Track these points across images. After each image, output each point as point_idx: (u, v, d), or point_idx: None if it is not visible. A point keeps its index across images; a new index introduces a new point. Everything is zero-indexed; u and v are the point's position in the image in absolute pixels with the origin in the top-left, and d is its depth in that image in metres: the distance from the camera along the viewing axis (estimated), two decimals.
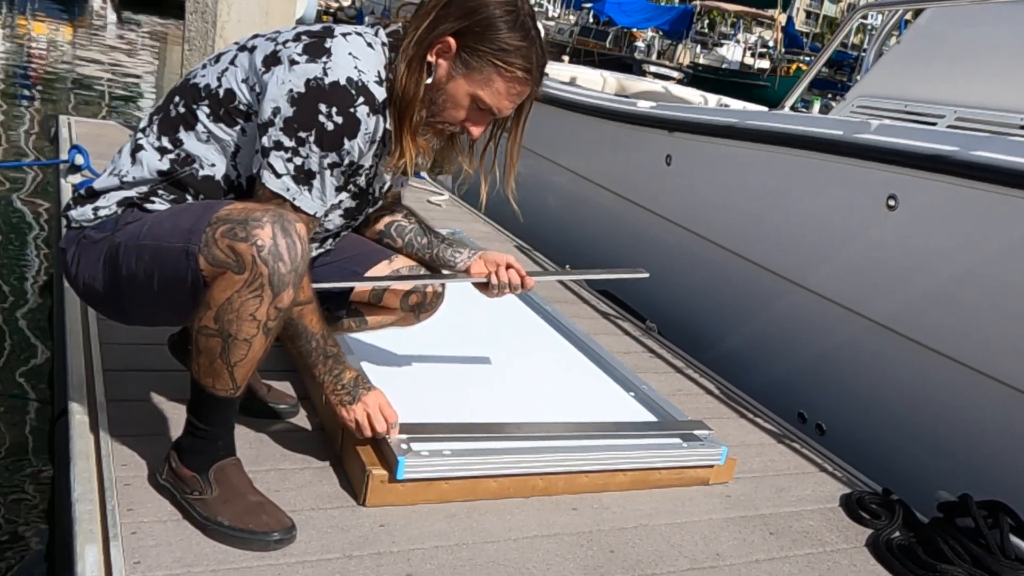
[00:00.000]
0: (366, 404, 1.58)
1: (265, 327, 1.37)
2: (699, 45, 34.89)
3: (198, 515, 1.45)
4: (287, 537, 1.44)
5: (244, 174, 1.50)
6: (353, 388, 1.58)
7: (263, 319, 1.36)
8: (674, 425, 2.00)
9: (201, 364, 1.41)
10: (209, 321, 1.36)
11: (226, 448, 1.51)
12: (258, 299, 1.34)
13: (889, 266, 2.48)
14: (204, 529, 1.43)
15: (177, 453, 1.50)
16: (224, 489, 1.46)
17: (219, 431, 1.49)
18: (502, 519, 1.64)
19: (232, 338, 1.37)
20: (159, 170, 1.49)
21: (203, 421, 1.47)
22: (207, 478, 1.47)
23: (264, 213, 1.34)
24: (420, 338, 2.25)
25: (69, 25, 15.32)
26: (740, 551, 1.71)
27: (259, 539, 1.42)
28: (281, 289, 1.35)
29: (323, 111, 1.41)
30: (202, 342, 1.39)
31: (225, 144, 1.48)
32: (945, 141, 2.35)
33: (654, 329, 3.06)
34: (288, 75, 1.41)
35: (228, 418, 1.50)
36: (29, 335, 3.16)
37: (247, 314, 1.35)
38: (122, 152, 1.54)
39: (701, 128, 3.27)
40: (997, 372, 2.18)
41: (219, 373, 1.41)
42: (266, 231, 1.32)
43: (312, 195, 1.47)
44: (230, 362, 1.39)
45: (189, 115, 1.49)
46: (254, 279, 1.33)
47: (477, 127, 1.55)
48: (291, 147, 1.41)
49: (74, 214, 1.52)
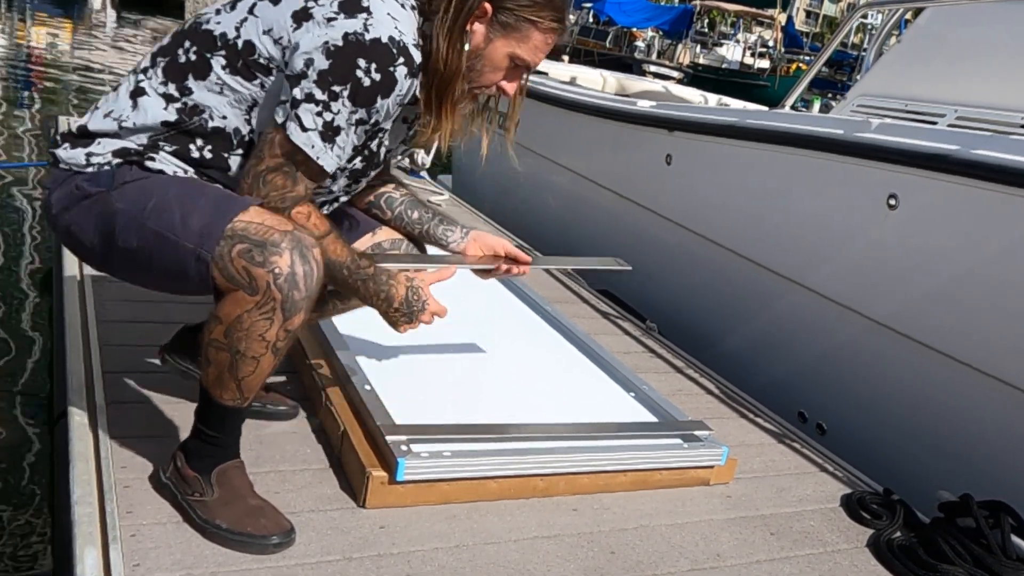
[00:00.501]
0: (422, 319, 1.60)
1: (274, 347, 1.38)
2: (699, 45, 34.86)
3: (198, 517, 1.45)
4: (286, 541, 1.44)
5: (257, 130, 1.45)
6: (407, 305, 1.58)
7: (272, 340, 1.36)
8: (674, 426, 1.99)
9: (210, 374, 1.42)
10: (219, 335, 1.37)
11: (231, 452, 1.51)
12: (268, 321, 1.34)
13: (890, 265, 2.48)
14: (203, 532, 1.43)
15: (184, 454, 1.50)
16: (225, 492, 1.46)
17: (226, 438, 1.50)
18: (502, 520, 1.64)
19: (240, 355, 1.37)
20: (164, 120, 1.43)
21: (210, 428, 1.47)
22: (209, 480, 1.47)
23: (283, 238, 1.32)
24: (420, 338, 2.24)
25: (69, 25, 15.32)
26: (741, 552, 1.70)
27: (258, 543, 1.42)
28: (293, 314, 1.35)
29: (362, 66, 1.36)
30: (212, 354, 1.39)
31: (241, 97, 1.43)
32: (946, 140, 2.35)
33: (654, 329, 3.06)
34: (325, 29, 1.36)
35: (235, 426, 1.51)
36: (29, 336, 3.16)
37: (256, 334, 1.35)
38: (119, 92, 1.47)
39: (701, 128, 3.26)
40: (998, 371, 2.18)
41: (227, 385, 1.41)
42: (284, 259, 1.32)
43: (333, 152, 1.42)
44: (238, 377, 1.40)
45: (201, 64, 1.42)
46: (266, 302, 1.33)
47: (512, 84, 1.55)
48: (323, 100, 1.36)
49: (63, 155, 1.44)
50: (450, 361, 2.15)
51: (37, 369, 2.91)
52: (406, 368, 2.05)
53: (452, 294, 2.65)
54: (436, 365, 2.11)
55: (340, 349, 1.99)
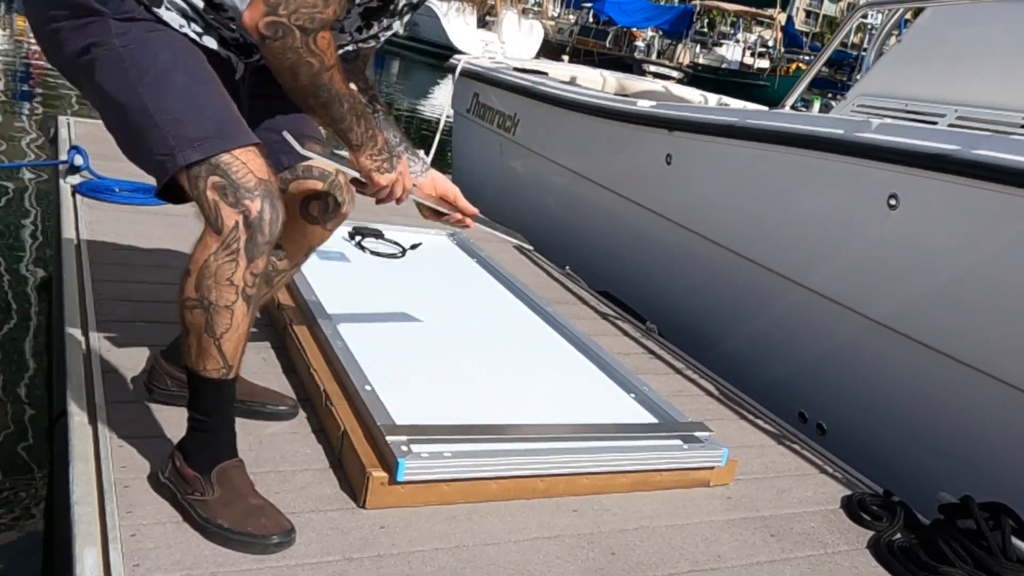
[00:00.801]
0: (400, 173, 1.61)
1: (244, 293, 1.40)
2: (699, 45, 34.88)
3: (198, 516, 1.45)
4: (286, 540, 1.44)
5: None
6: (388, 156, 1.59)
7: (240, 284, 1.39)
8: (675, 427, 1.99)
9: (190, 345, 1.43)
10: (191, 291, 1.40)
11: (228, 447, 1.51)
12: (234, 264, 1.37)
13: (890, 265, 2.48)
14: (204, 531, 1.43)
15: (182, 453, 1.50)
16: (225, 491, 1.46)
17: (218, 422, 1.49)
18: (503, 521, 1.64)
19: (213, 306, 1.39)
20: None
21: (200, 411, 1.47)
22: (209, 479, 1.47)
23: (258, 186, 1.38)
24: (420, 339, 2.25)
25: None
26: (741, 553, 1.70)
27: (259, 542, 1.42)
28: (256, 257, 1.39)
29: None
30: (188, 318, 1.42)
31: None
32: (946, 140, 2.35)
33: (654, 330, 3.06)
34: None
35: (225, 406, 1.50)
36: (28, 336, 3.16)
37: (224, 279, 1.38)
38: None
39: (701, 127, 3.26)
40: (999, 372, 2.18)
41: (207, 350, 1.42)
42: (256, 204, 1.37)
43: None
44: (216, 334, 1.41)
45: None
46: (231, 243, 1.36)
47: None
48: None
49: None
50: (451, 362, 2.15)
51: (36, 369, 2.91)
52: (406, 368, 2.04)
53: (453, 295, 2.67)
54: (436, 366, 2.10)
55: (340, 349, 1.99)
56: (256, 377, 2.00)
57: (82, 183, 3.22)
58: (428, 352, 2.18)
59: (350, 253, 2.85)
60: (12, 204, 4.66)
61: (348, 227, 3.11)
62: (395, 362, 2.06)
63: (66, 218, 2.85)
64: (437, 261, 3.01)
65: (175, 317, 1.46)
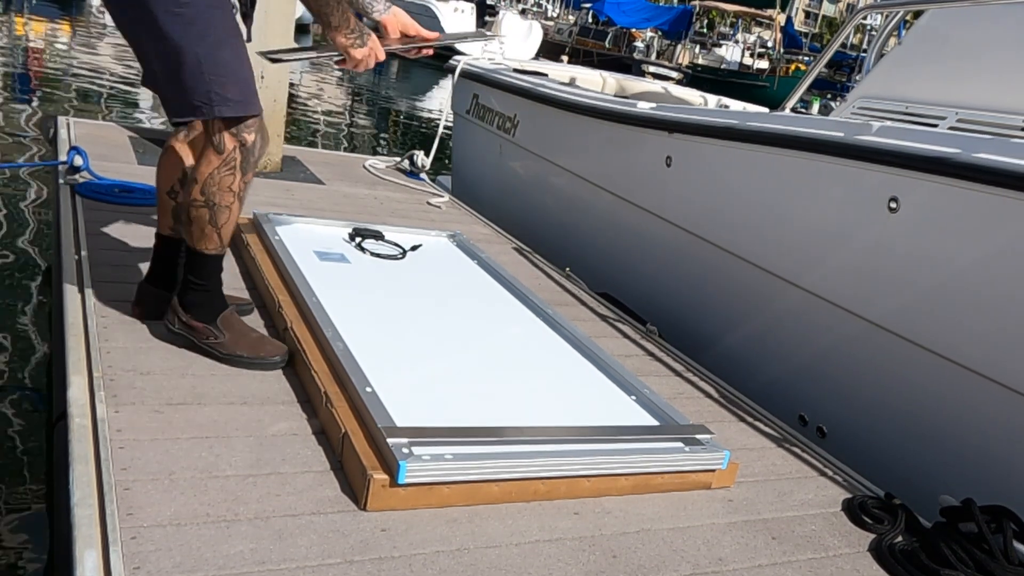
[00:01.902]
0: (371, 46, 2.01)
1: (239, 196, 1.91)
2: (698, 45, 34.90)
3: (220, 354, 1.99)
4: (286, 359, 2.04)
5: None
6: (359, 32, 1.98)
7: (237, 190, 1.90)
8: (676, 429, 1.99)
9: (194, 233, 1.92)
10: (197, 194, 1.87)
11: (221, 301, 2.02)
12: (232, 175, 1.87)
13: (891, 268, 2.47)
14: (227, 362, 1.98)
15: (183, 308, 1.99)
16: (232, 332, 2.01)
17: (213, 284, 2.00)
18: (504, 524, 1.64)
19: (216, 206, 1.89)
20: None
21: (200, 277, 1.97)
22: (217, 326, 1.99)
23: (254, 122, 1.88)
24: (421, 341, 2.25)
25: (67, 24, 15.30)
26: (743, 556, 1.70)
27: (270, 362, 2.02)
28: (248, 170, 1.91)
29: None
30: (193, 213, 1.90)
31: None
32: (947, 143, 2.35)
33: (655, 332, 3.05)
34: None
35: (218, 273, 2.01)
36: (28, 337, 3.16)
37: (226, 187, 1.87)
38: None
39: (701, 129, 3.26)
40: (1000, 375, 2.17)
41: (209, 236, 1.92)
42: (251, 136, 1.88)
43: None
44: (217, 224, 1.91)
45: None
46: (229, 161, 1.86)
47: None
48: None
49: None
50: (451, 364, 2.15)
51: (36, 370, 2.91)
52: (407, 370, 2.04)
53: (453, 296, 2.66)
54: (437, 367, 2.10)
55: (341, 351, 1.99)
56: (256, 378, 2.01)
57: (82, 184, 3.21)
58: (429, 354, 2.17)
59: (350, 255, 2.85)
60: (12, 205, 4.66)
61: (348, 228, 3.10)
62: (396, 364, 2.06)
63: (66, 219, 2.85)
64: (437, 262, 3.01)
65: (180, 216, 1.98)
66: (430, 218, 4.05)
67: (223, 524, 1.46)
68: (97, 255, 2.55)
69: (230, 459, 1.66)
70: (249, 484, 1.59)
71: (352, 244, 2.97)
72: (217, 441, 1.71)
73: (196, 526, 1.44)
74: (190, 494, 1.52)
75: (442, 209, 4.32)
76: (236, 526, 1.46)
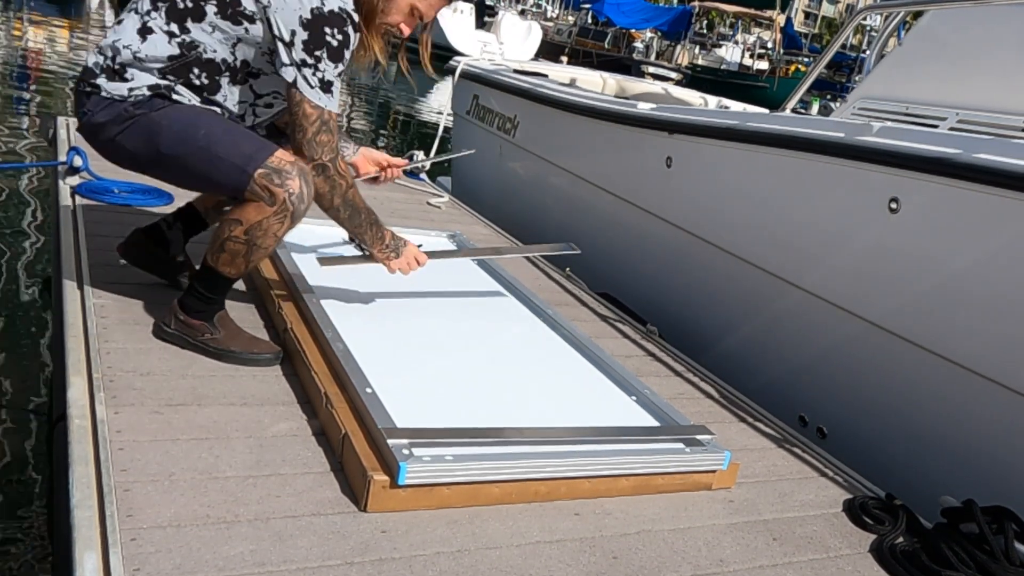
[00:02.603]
0: (407, 256, 2.28)
1: (279, 240, 1.99)
2: (698, 46, 34.92)
3: (213, 349, 2.03)
4: (278, 358, 2.08)
5: (239, 59, 1.97)
6: (395, 246, 2.26)
7: (280, 236, 1.98)
8: (676, 430, 1.99)
9: (222, 259, 1.98)
10: (240, 234, 1.94)
11: (220, 303, 2.08)
12: (281, 224, 1.95)
13: (891, 269, 2.47)
14: (220, 357, 2.02)
15: (183, 310, 2.05)
16: (227, 330, 2.06)
17: (219, 297, 2.07)
18: (504, 525, 1.63)
19: (256, 247, 1.97)
20: (170, 55, 1.93)
21: (211, 292, 2.04)
22: (213, 323, 2.05)
23: (293, 168, 1.93)
24: (421, 342, 2.24)
25: (66, 25, 15.29)
26: (744, 557, 1.70)
27: (263, 358, 2.05)
28: (298, 219, 1.97)
29: (328, 32, 1.90)
30: (229, 246, 1.96)
31: (228, 37, 1.93)
32: (947, 143, 2.34)
33: (655, 332, 3.05)
34: (295, 2, 1.87)
35: (226, 291, 2.08)
36: (28, 338, 3.15)
37: (272, 233, 1.95)
38: (124, 26, 1.94)
39: (702, 130, 3.26)
40: (1001, 376, 2.17)
41: (237, 265, 1.99)
42: (296, 183, 1.92)
43: (335, 100, 1.98)
44: (249, 260, 1.99)
45: (197, 10, 1.91)
46: (282, 211, 1.93)
47: (407, 28, 2.10)
48: (312, 63, 1.90)
49: (106, 85, 1.94)
50: (452, 364, 2.14)
51: (36, 371, 2.90)
52: (407, 371, 2.04)
53: (453, 297, 2.66)
54: (437, 368, 2.10)
55: (341, 352, 1.98)
56: (256, 379, 2.00)
57: (81, 184, 3.21)
58: (429, 355, 2.17)
59: (350, 255, 2.84)
60: (11, 206, 4.65)
61: None
62: (396, 365, 2.06)
63: (65, 219, 2.84)
64: (437, 263, 3.00)
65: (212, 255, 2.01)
66: (430, 218, 4.05)
67: (223, 526, 1.46)
68: (97, 256, 2.54)
69: (230, 460, 1.65)
70: (249, 485, 1.59)
71: (352, 244, 2.97)
72: (217, 442, 1.71)
73: (196, 528, 1.44)
74: (190, 495, 1.52)
75: (442, 209, 4.32)
76: (236, 528, 1.46)
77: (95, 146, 2.05)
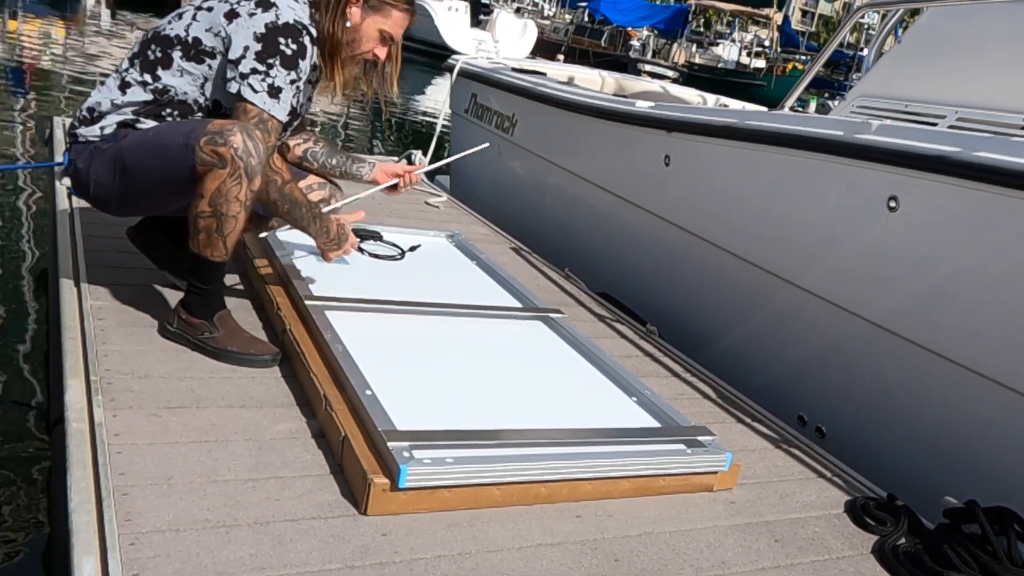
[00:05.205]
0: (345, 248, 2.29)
1: (245, 205, 1.96)
2: (695, 44, 34.90)
3: (211, 348, 2.04)
4: (276, 359, 2.08)
5: (211, 98, 2.06)
6: (338, 238, 2.25)
7: (244, 199, 1.94)
8: (677, 431, 1.98)
9: (201, 240, 1.98)
10: (204, 207, 1.93)
11: (220, 301, 2.10)
12: (239, 185, 1.92)
13: (890, 268, 2.47)
14: (217, 356, 2.03)
15: (184, 309, 2.07)
16: (227, 329, 2.07)
17: (214, 288, 2.07)
18: (505, 527, 1.63)
19: (224, 216, 1.94)
20: (144, 100, 2.04)
21: (203, 282, 2.04)
22: (213, 323, 2.06)
23: (233, 126, 1.91)
24: (420, 343, 2.23)
25: (62, 24, 15.25)
26: (745, 559, 1.69)
27: (260, 359, 2.05)
28: (253, 176, 1.94)
29: (282, 42, 1.98)
30: (200, 223, 1.95)
31: (195, 77, 2.03)
32: (946, 142, 2.34)
33: (655, 332, 3.04)
34: (250, 22, 1.97)
35: (220, 279, 2.10)
36: (25, 340, 3.14)
37: (233, 197, 1.92)
38: (108, 84, 2.07)
39: (700, 128, 3.25)
40: (1001, 376, 2.17)
41: (215, 244, 1.98)
42: (237, 137, 1.90)
43: (280, 106, 2.01)
44: (223, 234, 1.97)
45: (165, 58, 2.03)
46: (234, 171, 1.90)
47: (382, 51, 2.18)
48: (263, 71, 1.96)
49: (83, 132, 2.05)
50: (451, 366, 2.13)
51: (34, 373, 2.89)
52: (407, 373, 2.03)
53: (452, 297, 2.64)
54: (437, 370, 2.09)
55: (340, 354, 1.97)
56: (255, 381, 2.00)
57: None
58: (429, 356, 2.16)
59: (349, 256, 2.83)
60: (7, 207, 4.64)
61: None
62: (395, 366, 2.05)
63: (61, 221, 2.83)
64: (436, 263, 3.00)
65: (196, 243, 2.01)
66: (428, 218, 4.04)
67: (222, 529, 1.45)
68: (93, 257, 2.53)
69: (229, 463, 1.64)
70: (248, 488, 1.58)
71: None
72: (216, 445, 1.70)
73: (195, 531, 1.43)
74: (189, 499, 1.51)
75: (440, 209, 4.31)
76: (235, 531, 1.45)
77: (82, 195, 2.13)
